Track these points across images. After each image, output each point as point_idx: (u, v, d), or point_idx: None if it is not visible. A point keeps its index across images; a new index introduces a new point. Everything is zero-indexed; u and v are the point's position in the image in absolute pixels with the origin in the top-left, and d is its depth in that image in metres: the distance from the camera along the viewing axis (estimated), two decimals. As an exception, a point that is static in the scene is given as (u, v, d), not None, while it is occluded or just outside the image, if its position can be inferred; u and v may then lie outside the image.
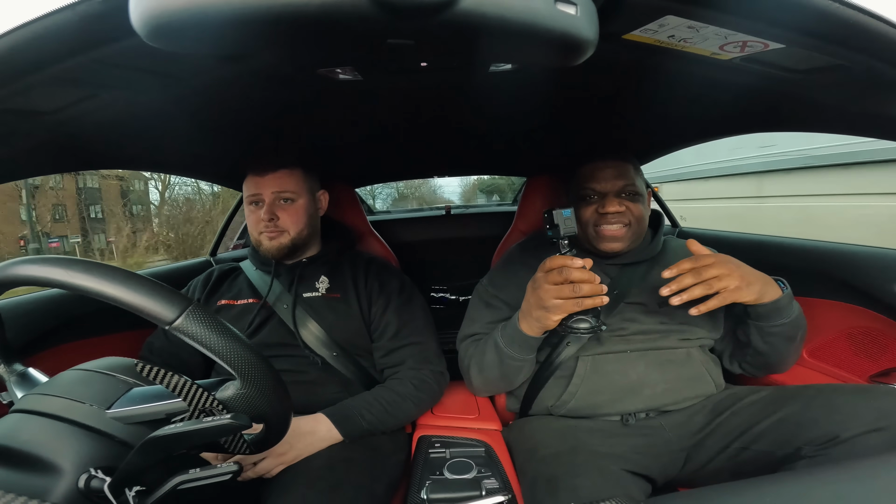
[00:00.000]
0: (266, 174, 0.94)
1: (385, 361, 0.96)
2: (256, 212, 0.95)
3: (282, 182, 0.94)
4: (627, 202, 0.88)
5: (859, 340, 0.97)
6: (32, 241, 17.87)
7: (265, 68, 0.61)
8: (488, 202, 7.73)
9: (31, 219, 18.39)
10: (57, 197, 19.70)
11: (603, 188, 0.89)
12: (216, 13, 0.31)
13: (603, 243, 0.89)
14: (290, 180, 0.95)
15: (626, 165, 0.90)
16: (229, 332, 0.43)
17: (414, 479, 0.78)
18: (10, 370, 0.53)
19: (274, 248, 0.94)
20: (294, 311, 0.92)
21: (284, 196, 0.94)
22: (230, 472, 0.42)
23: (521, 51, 0.42)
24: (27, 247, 17.90)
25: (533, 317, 0.76)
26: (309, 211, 0.98)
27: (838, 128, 0.83)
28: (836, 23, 0.44)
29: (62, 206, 19.70)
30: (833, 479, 0.35)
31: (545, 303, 0.72)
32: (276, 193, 0.94)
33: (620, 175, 0.89)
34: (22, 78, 0.48)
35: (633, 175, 0.90)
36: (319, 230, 1.04)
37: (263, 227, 0.93)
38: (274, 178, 0.94)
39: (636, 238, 0.91)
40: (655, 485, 0.78)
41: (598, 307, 0.71)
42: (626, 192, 0.88)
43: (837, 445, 0.63)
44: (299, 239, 0.96)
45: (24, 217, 18.39)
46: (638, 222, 0.89)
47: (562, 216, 0.72)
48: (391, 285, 1.01)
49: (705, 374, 0.87)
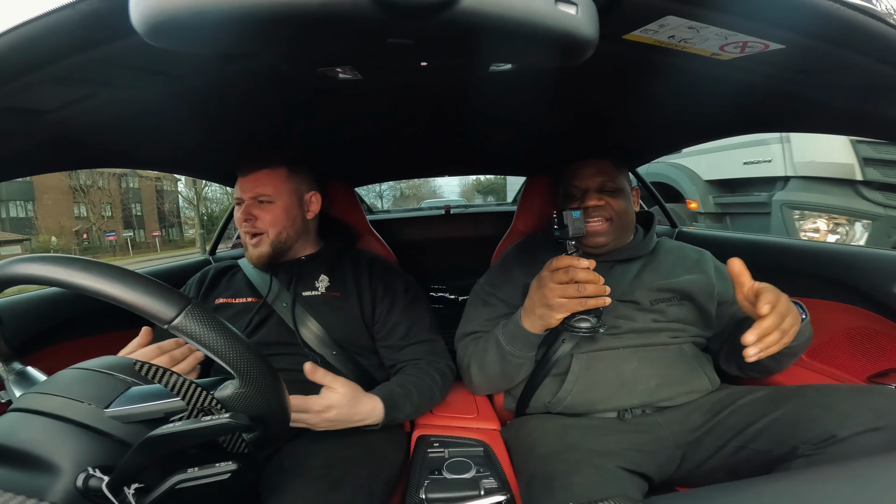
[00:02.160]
0: (247, 174, 0.94)
1: (398, 357, 0.96)
2: (238, 212, 0.95)
3: (260, 183, 0.93)
4: (607, 197, 0.92)
5: (858, 341, 0.97)
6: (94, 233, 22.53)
7: (265, 67, 0.61)
8: (485, 202, 7.71)
9: (105, 213, 23.15)
10: (103, 196, 23.83)
11: (584, 184, 0.94)
12: (216, 12, 0.31)
13: (586, 238, 0.91)
14: (268, 181, 0.94)
15: (605, 163, 0.95)
16: (228, 331, 0.43)
17: (413, 479, 0.78)
18: (9, 369, 0.53)
19: (255, 256, 0.95)
20: (293, 310, 0.92)
21: (261, 198, 0.94)
22: (228, 472, 0.42)
23: (522, 51, 0.42)
24: (90, 238, 22.46)
25: (536, 314, 0.77)
26: (291, 213, 0.96)
27: (838, 128, 0.83)
28: (836, 23, 0.44)
29: (110, 205, 24.18)
30: (830, 478, 0.35)
31: (550, 301, 0.73)
32: (254, 195, 0.93)
33: (599, 172, 0.94)
34: (22, 76, 0.48)
35: (612, 171, 0.94)
36: (311, 231, 1.04)
37: (242, 227, 0.94)
38: (253, 178, 0.94)
39: (620, 233, 0.94)
40: (652, 483, 0.78)
41: (601, 308, 0.73)
42: (605, 187, 0.93)
43: (835, 445, 0.63)
44: (278, 242, 0.95)
45: (75, 213, 22.62)
46: (619, 217, 0.93)
47: (571, 217, 0.74)
48: (396, 285, 1.01)
49: (698, 369, 0.88)
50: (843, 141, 2.63)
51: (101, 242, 22.93)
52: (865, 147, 2.64)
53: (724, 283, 0.96)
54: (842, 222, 2.62)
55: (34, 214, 21.62)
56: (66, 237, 21.46)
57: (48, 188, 21.60)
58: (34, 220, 21.45)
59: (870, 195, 2.61)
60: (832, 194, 2.65)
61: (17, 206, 21.34)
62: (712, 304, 0.93)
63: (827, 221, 2.62)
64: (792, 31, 0.47)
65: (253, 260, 0.95)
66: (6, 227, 20.15)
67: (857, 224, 2.61)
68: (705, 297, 0.92)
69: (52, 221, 21.71)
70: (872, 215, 2.58)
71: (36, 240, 20.43)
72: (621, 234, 0.95)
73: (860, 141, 2.63)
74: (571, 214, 0.74)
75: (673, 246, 1.03)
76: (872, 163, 2.66)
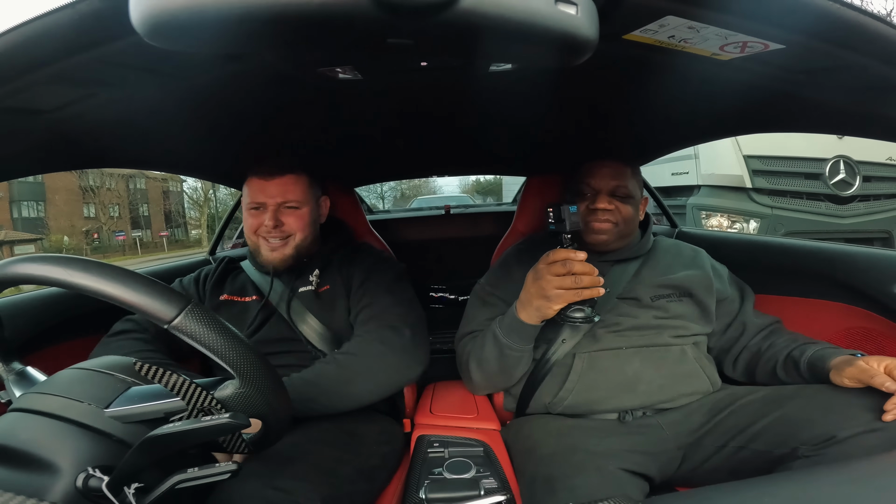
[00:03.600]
0: (272, 178, 0.91)
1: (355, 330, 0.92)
2: (258, 216, 0.92)
3: (287, 189, 0.92)
4: (617, 202, 0.92)
5: (857, 341, 0.97)
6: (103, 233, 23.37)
7: (265, 67, 0.61)
8: (484, 202, 7.75)
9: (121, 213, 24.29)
10: (112, 197, 24.52)
11: (597, 185, 0.93)
12: (216, 12, 0.31)
13: (589, 235, 0.93)
14: (295, 188, 0.93)
15: (624, 168, 0.94)
16: (228, 331, 0.42)
17: (412, 479, 0.78)
18: (9, 369, 0.53)
19: (277, 259, 0.92)
20: (289, 307, 0.93)
21: (289, 204, 0.92)
22: (229, 472, 0.42)
23: (522, 51, 0.42)
24: (100, 238, 23.21)
25: (533, 306, 0.78)
26: (312, 217, 0.97)
27: (838, 128, 0.83)
28: (836, 24, 0.44)
29: (118, 205, 24.78)
30: (831, 479, 0.35)
31: (547, 292, 0.75)
32: (283, 200, 0.91)
33: (616, 175, 0.93)
34: (22, 76, 0.48)
35: (628, 178, 0.94)
36: (318, 232, 1.04)
37: (266, 232, 0.91)
38: (280, 183, 0.91)
39: (621, 237, 0.95)
40: (653, 484, 0.78)
41: (594, 299, 0.75)
42: (618, 192, 0.93)
43: (834, 445, 0.64)
44: (302, 246, 0.95)
45: (85, 214, 23.31)
46: (625, 223, 0.93)
47: (568, 212, 0.75)
48: (367, 262, 1.00)
49: (699, 371, 0.89)
50: (735, 157, 3.35)
51: (111, 242, 23.61)
52: (755, 161, 3.34)
53: (721, 281, 0.98)
54: (738, 220, 3.34)
55: (45, 214, 22.06)
56: (77, 237, 22.02)
57: (59, 189, 22.10)
58: (46, 220, 21.89)
59: (759, 199, 3.36)
60: (729, 199, 3.39)
61: (28, 206, 21.72)
62: (711, 299, 0.94)
63: (726, 220, 3.35)
64: (792, 31, 0.47)
65: (275, 263, 0.93)
66: (18, 226, 20.54)
67: (751, 221, 3.33)
68: (704, 292, 0.93)
69: (64, 221, 22.13)
70: (761, 214, 3.31)
71: (48, 239, 20.80)
72: (622, 239, 0.96)
73: (750, 156, 3.33)
74: (569, 209, 0.76)
75: (669, 244, 1.04)
76: (760, 174, 3.36)
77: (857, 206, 3.40)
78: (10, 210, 20.34)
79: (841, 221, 3.34)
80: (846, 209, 3.38)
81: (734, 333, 0.96)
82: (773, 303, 1.08)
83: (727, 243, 1.30)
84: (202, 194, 23.41)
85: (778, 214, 3.31)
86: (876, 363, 0.68)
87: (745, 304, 0.97)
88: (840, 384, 0.71)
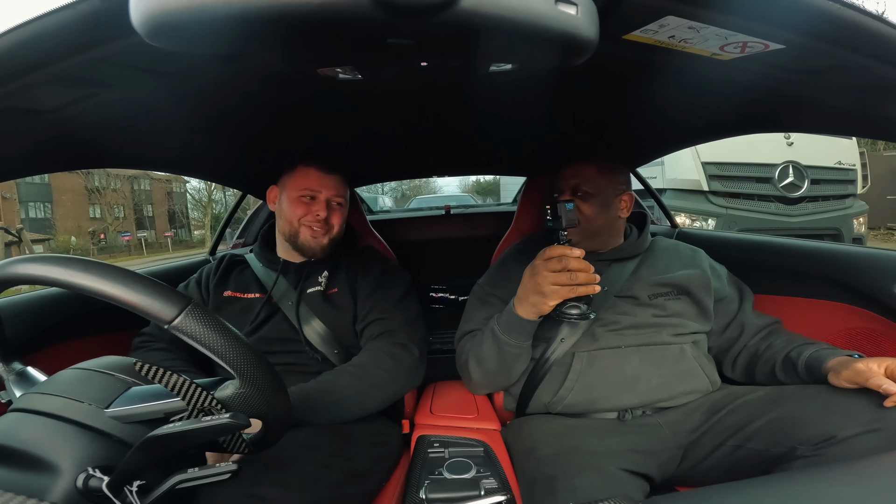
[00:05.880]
0: (331, 173, 0.98)
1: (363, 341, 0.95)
2: (310, 206, 0.96)
3: (340, 186, 0.99)
4: (578, 200, 0.94)
5: (857, 341, 0.97)
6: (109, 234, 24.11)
7: (265, 67, 0.61)
8: (484, 202, 7.75)
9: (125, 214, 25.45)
10: (117, 198, 25.09)
11: (559, 185, 0.98)
12: (216, 12, 0.31)
13: None
14: (344, 189, 1.01)
15: (587, 167, 0.96)
16: (228, 331, 0.42)
17: (413, 479, 0.78)
18: (9, 369, 0.53)
19: (317, 246, 0.96)
20: (298, 308, 0.93)
21: (338, 200, 0.99)
22: (229, 472, 0.42)
23: (522, 51, 0.42)
24: (106, 238, 23.89)
25: (529, 301, 0.79)
26: (345, 219, 1.02)
27: (838, 129, 0.83)
28: (836, 24, 0.44)
29: (123, 206, 25.42)
30: (830, 479, 0.35)
31: (543, 288, 0.76)
32: (336, 194, 0.98)
33: (575, 175, 0.96)
34: (22, 76, 0.48)
35: (591, 176, 0.95)
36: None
37: (312, 220, 0.95)
38: (336, 179, 0.98)
39: (588, 236, 0.95)
40: (653, 483, 0.78)
41: (590, 296, 0.76)
42: (579, 190, 0.95)
43: (833, 445, 0.64)
44: (335, 242, 0.99)
45: (91, 215, 23.94)
46: (587, 221, 0.94)
47: (565, 209, 0.77)
48: (374, 271, 1.02)
49: (698, 370, 0.89)
50: (694, 163, 3.78)
51: (117, 242, 24.18)
52: (712, 167, 3.78)
53: (719, 280, 0.98)
54: (697, 219, 3.78)
55: (52, 215, 22.38)
56: (83, 237, 22.50)
57: (65, 190, 22.41)
58: (53, 221, 22.20)
59: (715, 200, 3.80)
60: (690, 200, 3.83)
61: (36, 207, 22.08)
62: (709, 298, 0.94)
63: (688, 219, 3.78)
64: (792, 31, 0.47)
65: (314, 248, 0.96)
66: (26, 227, 20.85)
67: (709, 220, 3.75)
68: (702, 291, 0.94)
69: (70, 222, 22.52)
70: (717, 214, 3.75)
71: (56, 240, 21.11)
72: (593, 238, 0.96)
73: (707, 162, 3.76)
74: (565, 206, 0.77)
75: (667, 244, 1.05)
76: (716, 178, 3.79)
77: (805, 207, 3.82)
78: (18, 211, 20.80)
79: (790, 220, 3.73)
80: (795, 209, 3.78)
81: (733, 333, 0.96)
82: (772, 303, 1.08)
83: (727, 244, 1.30)
84: (206, 195, 23.91)
85: (732, 214, 3.73)
86: (876, 365, 0.68)
87: (744, 305, 0.98)
88: (838, 385, 0.71)
